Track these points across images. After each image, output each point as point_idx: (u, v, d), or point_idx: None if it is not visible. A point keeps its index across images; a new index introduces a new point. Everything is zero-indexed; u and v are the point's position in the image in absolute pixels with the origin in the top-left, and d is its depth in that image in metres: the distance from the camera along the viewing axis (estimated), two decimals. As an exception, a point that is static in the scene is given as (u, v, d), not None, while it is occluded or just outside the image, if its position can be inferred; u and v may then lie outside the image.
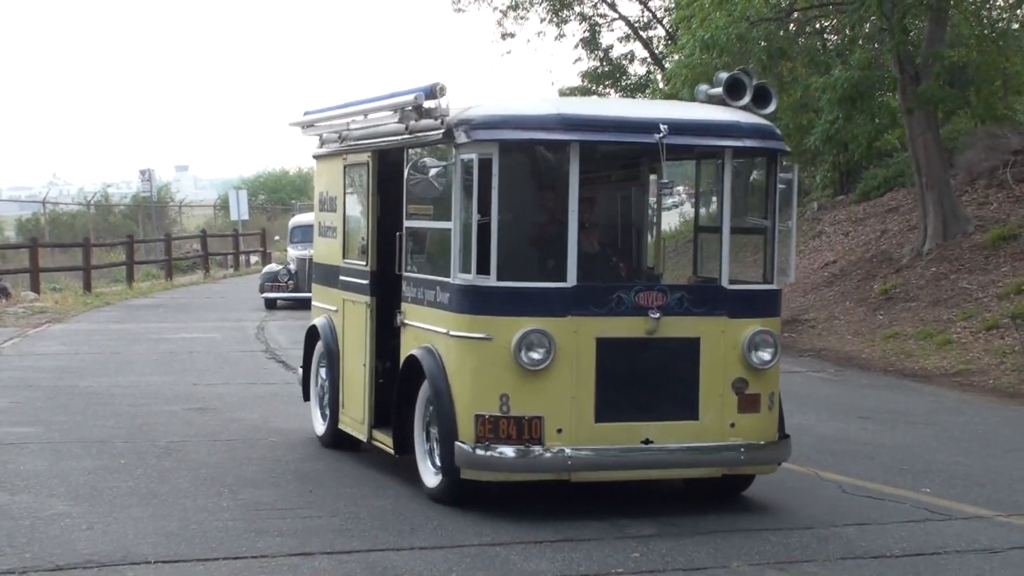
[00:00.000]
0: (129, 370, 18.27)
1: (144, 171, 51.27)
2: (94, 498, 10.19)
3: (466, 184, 9.49)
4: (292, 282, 29.49)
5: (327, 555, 8.62)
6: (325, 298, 12.68)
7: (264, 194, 77.04)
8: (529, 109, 9.84)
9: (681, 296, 9.78)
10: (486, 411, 9.45)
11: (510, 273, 9.68)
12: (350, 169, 11.97)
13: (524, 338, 9.39)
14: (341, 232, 12.14)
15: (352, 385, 11.74)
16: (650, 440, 9.61)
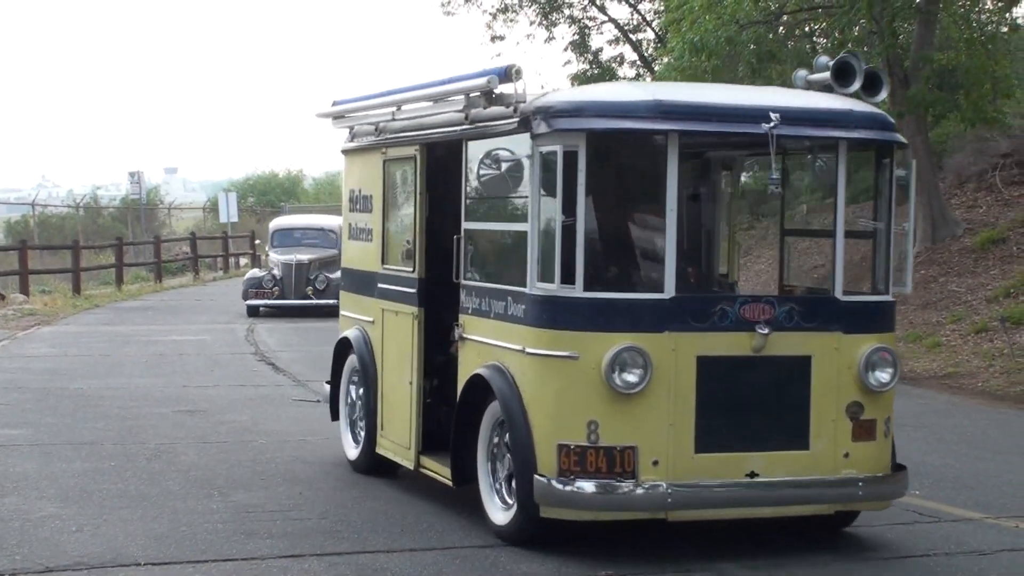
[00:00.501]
0: (119, 372, 18.25)
1: (133, 173, 51.27)
2: (84, 500, 10.18)
3: (546, 180, 8.46)
4: (277, 288, 28.34)
5: (317, 557, 8.62)
6: (358, 308, 11.55)
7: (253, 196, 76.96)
8: (620, 95, 8.86)
9: (790, 308, 8.70)
10: (571, 440, 8.35)
11: (597, 282, 8.76)
12: (391, 164, 10.88)
13: (617, 357, 8.28)
14: (379, 235, 11.03)
15: (394, 405, 10.68)
16: (756, 473, 8.54)
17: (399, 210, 10.81)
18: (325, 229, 30.31)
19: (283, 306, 28.25)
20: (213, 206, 60.33)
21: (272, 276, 28.57)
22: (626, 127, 8.54)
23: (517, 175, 8.63)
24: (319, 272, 28.46)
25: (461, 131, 9.53)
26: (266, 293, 28.35)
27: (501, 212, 9.19)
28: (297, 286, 28.27)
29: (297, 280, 28.31)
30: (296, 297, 28.25)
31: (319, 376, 17.61)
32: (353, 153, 11.85)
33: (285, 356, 20.48)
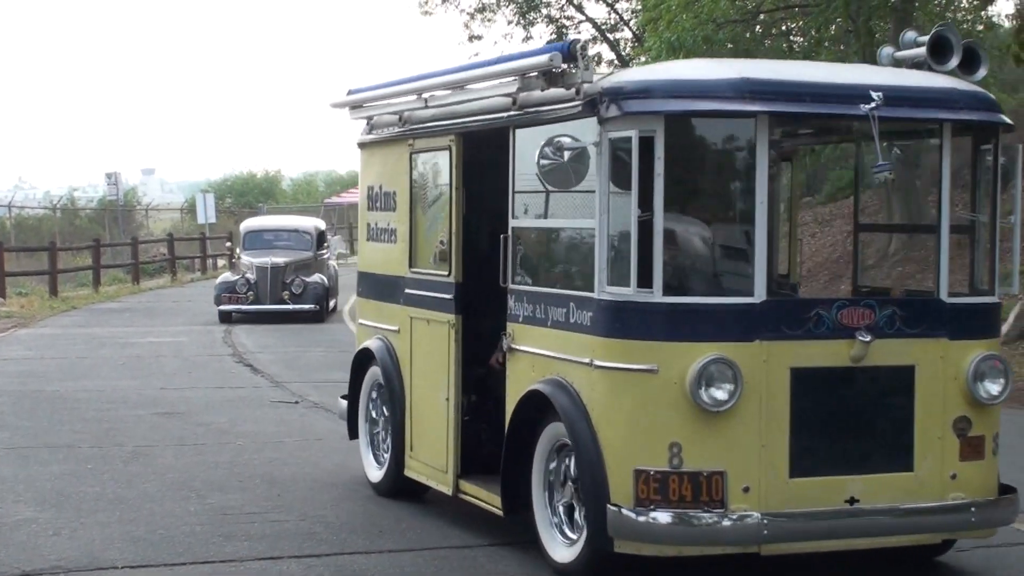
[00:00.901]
0: (95, 374, 18.19)
1: (110, 174, 51.12)
2: (60, 503, 10.14)
3: (616, 170, 7.50)
4: (252, 293, 27.00)
5: (296, 559, 8.60)
6: (379, 316, 10.56)
7: (231, 197, 76.84)
8: (701, 72, 7.84)
9: (892, 313, 7.76)
10: (650, 465, 7.41)
11: (677, 285, 7.88)
12: (419, 157, 9.93)
13: (704, 370, 7.34)
14: (406, 235, 10.06)
15: (425, 424, 9.74)
16: (856, 499, 7.65)
17: (429, 208, 9.87)
18: (300, 231, 29.49)
19: (258, 311, 27.01)
20: (191, 207, 60.19)
21: (246, 280, 27.21)
22: (710, 108, 7.56)
23: (580, 165, 7.61)
24: (295, 276, 27.43)
25: (508, 118, 8.57)
26: (240, 298, 27.04)
27: (559, 208, 8.32)
28: (273, 290, 27.19)
29: (273, 284, 27.20)
30: (272, 302, 27.18)
31: (297, 378, 17.64)
32: (372, 146, 10.90)
33: (263, 358, 20.44)
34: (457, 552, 8.80)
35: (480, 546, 8.91)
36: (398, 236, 10.24)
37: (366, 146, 11.01)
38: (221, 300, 27.20)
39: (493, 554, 8.73)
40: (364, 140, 10.99)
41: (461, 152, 9.29)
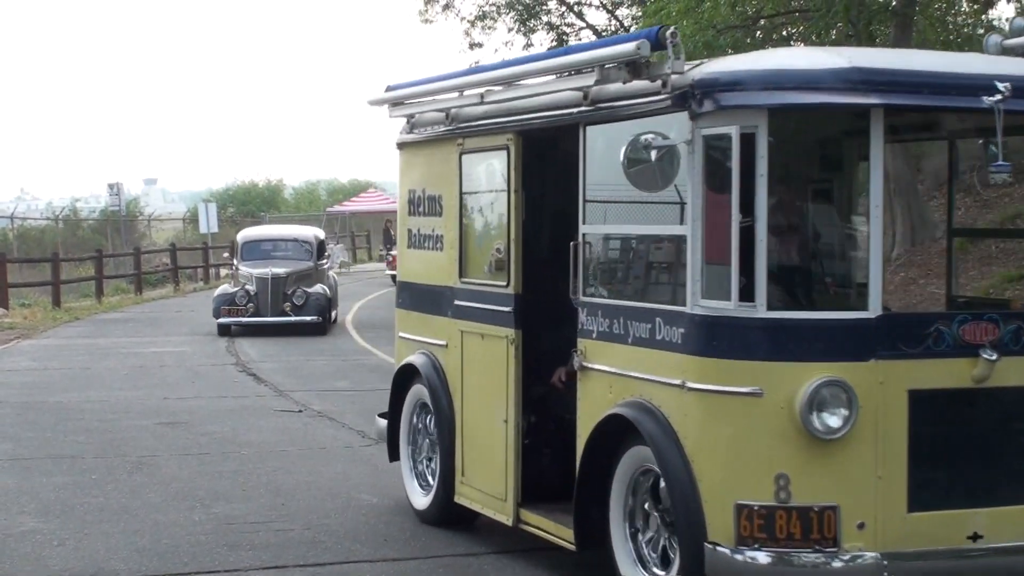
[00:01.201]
0: (99, 385, 18.19)
1: (113, 185, 51.12)
2: (65, 514, 10.14)
3: (712, 171, 6.83)
4: (252, 305, 26.05)
5: (300, 568, 8.60)
6: (423, 329, 9.86)
7: (233, 207, 76.89)
8: (806, 61, 7.03)
9: (1017, 328, 6.99)
10: (753, 499, 6.70)
11: (782, 299, 7.23)
12: (470, 158, 9.22)
13: (816, 394, 6.63)
14: (455, 242, 9.34)
15: (479, 447, 9.05)
16: (979, 535, 6.90)
17: (483, 213, 9.23)
18: (299, 240, 28.70)
19: (259, 324, 26.04)
20: (193, 217, 60.22)
21: (245, 292, 26.22)
22: (820, 102, 6.83)
23: (669, 166, 6.85)
24: (296, 286, 26.53)
25: (578, 114, 7.85)
26: (239, 310, 26.04)
27: (641, 212, 7.63)
28: (274, 302, 26.26)
29: (273, 295, 26.28)
30: (273, 314, 26.23)
31: (300, 387, 17.64)
32: (414, 147, 10.17)
33: (266, 367, 20.44)
34: (462, 560, 8.80)
35: (486, 554, 8.91)
36: (445, 243, 9.53)
37: (406, 147, 10.31)
38: (220, 313, 26.14)
39: (498, 562, 8.73)
40: (404, 140, 10.27)
41: (520, 152, 8.59)
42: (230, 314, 26.04)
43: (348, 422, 14.67)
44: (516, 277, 8.55)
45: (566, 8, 42.20)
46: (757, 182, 6.67)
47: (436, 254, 9.70)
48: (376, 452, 12.73)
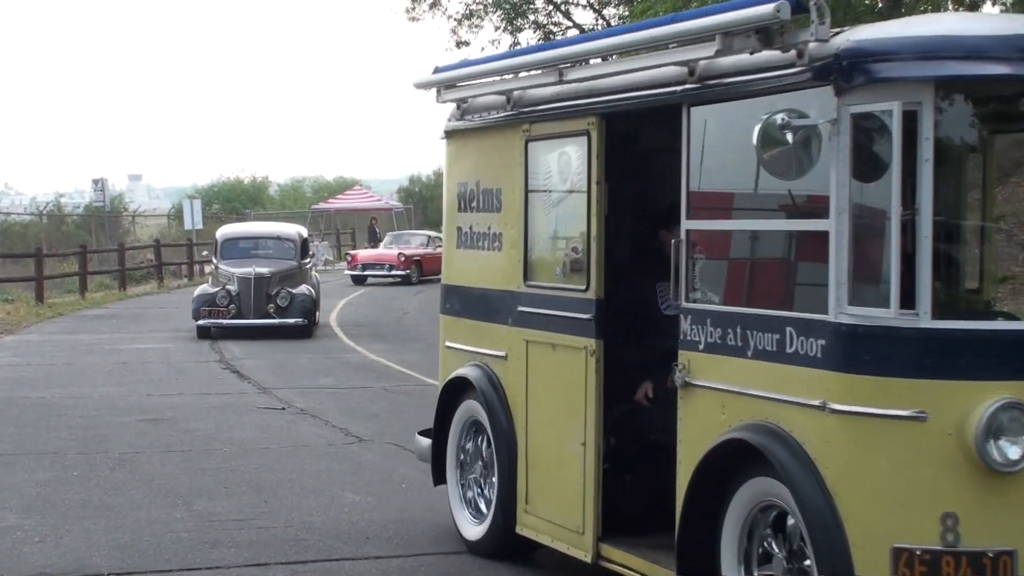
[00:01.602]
0: (82, 381, 18.15)
1: (97, 181, 51.00)
2: (46, 510, 10.11)
3: (862, 155, 5.91)
4: (234, 306, 24.68)
5: (282, 565, 8.59)
6: (476, 338, 8.84)
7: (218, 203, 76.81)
8: (969, 27, 6.05)
9: None
10: (915, 542, 5.77)
11: (947, 305, 6.46)
12: (539, 145, 8.17)
13: (994, 419, 5.69)
14: (516, 241, 8.32)
15: (549, 472, 8.06)
16: None
17: (554, 208, 8.20)
18: (282, 238, 27.35)
19: (241, 326, 24.68)
20: (178, 213, 60.15)
21: (227, 292, 24.83)
22: (998, 73, 5.89)
23: (805, 150, 5.94)
24: (280, 287, 25.20)
25: (682, 93, 6.89)
26: (220, 311, 24.63)
27: (764, 204, 6.72)
28: (257, 303, 24.89)
29: (257, 297, 24.89)
30: (256, 316, 24.85)
31: (283, 384, 17.62)
32: (465, 135, 9.14)
33: (249, 364, 20.41)
34: (444, 559, 8.80)
35: (467, 552, 8.90)
36: (505, 242, 8.51)
37: (456, 135, 9.27)
38: (200, 314, 24.75)
39: (481, 562, 8.71)
40: (453, 128, 9.24)
41: (603, 138, 7.57)
42: (210, 316, 24.70)
43: (331, 420, 14.66)
44: (597, 280, 7.56)
45: (553, 7, 42.24)
46: (921, 168, 5.79)
47: (493, 255, 8.66)
48: (359, 450, 12.76)
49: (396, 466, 11.90)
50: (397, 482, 11.20)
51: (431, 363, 20.28)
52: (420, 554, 8.90)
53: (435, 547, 9.07)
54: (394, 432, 13.70)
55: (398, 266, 42.66)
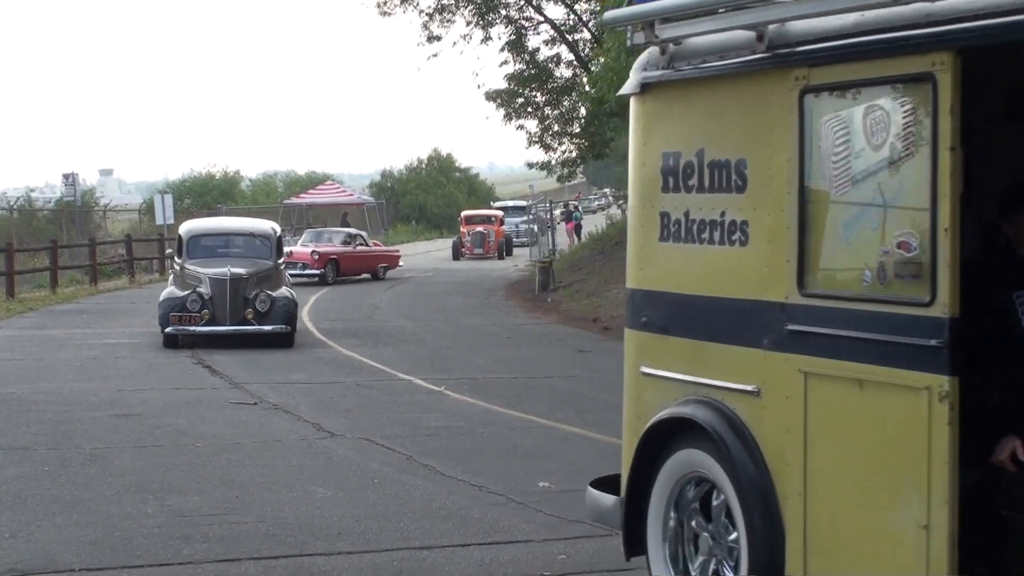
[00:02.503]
0: (53, 376, 18.08)
1: (68, 175, 50.78)
2: (17, 506, 10.08)
3: None
4: (207, 311, 22.08)
5: (254, 560, 8.59)
6: (699, 365, 6.56)
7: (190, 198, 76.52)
8: None
9: None
10: None
11: None
12: (823, 99, 5.85)
13: None
14: (784, 231, 6.01)
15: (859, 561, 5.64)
16: None
17: (855, 185, 5.71)
18: (256, 234, 24.60)
19: (216, 334, 22.10)
20: (149, 208, 59.96)
21: (198, 296, 22.15)
22: None
23: None
24: (259, 289, 22.58)
25: None
26: (192, 318, 22.00)
27: None
28: (233, 308, 22.26)
29: (233, 301, 22.27)
30: (232, 322, 22.23)
31: (255, 379, 17.60)
32: (675, 89, 6.80)
33: (221, 359, 20.35)
34: (416, 553, 8.81)
35: (439, 547, 8.92)
36: (755, 233, 6.24)
37: (657, 90, 6.91)
38: (168, 320, 21.98)
39: (452, 555, 8.74)
40: (656, 80, 6.85)
41: (959, 83, 5.23)
42: (181, 322, 21.99)
43: (304, 415, 14.65)
44: (950, 290, 5.26)
45: (525, 2, 42.25)
46: None
47: (731, 251, 6.39)
48: (332, 445, 12.76)
49: (368, 461, 11.91)
50: (369, 477, 11.21)
51: (402, 358, 20.42)
52: (393, 549, 8.91)
53: (407, 542, 9.08)
54: (366, 427, 13.72)
55: (311, 264, 39.94)
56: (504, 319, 28.88)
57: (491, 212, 64.96)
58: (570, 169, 45.97)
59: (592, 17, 39.94)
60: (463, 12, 41.81)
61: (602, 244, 45.23)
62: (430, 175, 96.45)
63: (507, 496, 10.46)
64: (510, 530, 9.39)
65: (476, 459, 12.07)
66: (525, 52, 42.58)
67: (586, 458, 12.29)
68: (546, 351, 22.33)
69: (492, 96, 42.96)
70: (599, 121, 41.30)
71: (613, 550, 8.83)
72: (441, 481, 11.10)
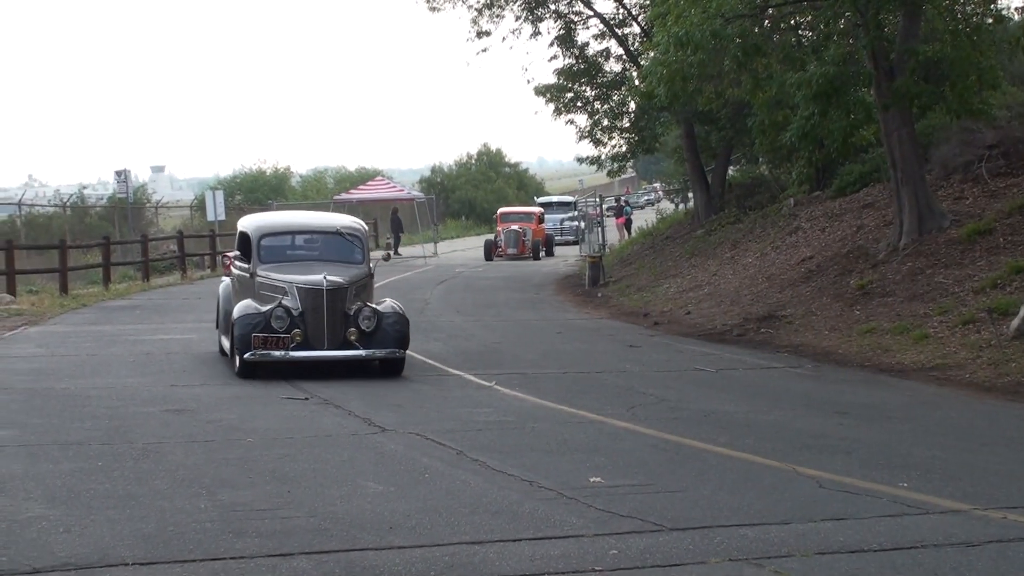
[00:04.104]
0: (106, 372, 18.20)
1: (120, 172, 51.15)
2: (71, 501, 10.15)
3: None
4: (299, 331, 17.22)
5: (306, 555, 8.60)
6: None
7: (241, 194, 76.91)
8: None
9: None
10: None
11: None
12: None
13: None
14: None
15: None
16: None
17: None
18: (342, 232, 19.30)
19: (312, 361, 17.39)
20: (200, 204, 60.26)
21: (285, 311, 17.25)
22: None
23: None
24: (360, 303, 17.80)
25: None
26: (281, 340, 17.06)
27: None
28: (332, 327, 17.43)
29: (331, 317, 17.43)
30: (332, 345, 17.41)
31: (306, 375, 17.61)
32: None
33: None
34: (467, 548, 8.79)
35: (490, 542, 8.90)
36: None
37: None
38: (251, 344, 17.03)
39: (503, 550, 8.71)
40: None
41: None
42: (267, 345, 17.05)
43: (354, 410, 14.68)
44: None
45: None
46: None
47: None
48: (382, 440, 12.77)
49: (418, 456, 11.91)
50: (420, 472, 11.22)
51: (452, 353, 20.43)
52: (442, 544, 8.89)
53: (459, 537, 9.07)
54: (416, 422, 13.72)
55: None
56: (554, 314, 28.87)
57: (529, 209, 62.70)
58: (620, 164, 45.80)
59: (641, 11, 39.81)
60: (512, 7, 41.78)
61: (652, 239, 45.14)
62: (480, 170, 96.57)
63: (558, 491, 10.43)
64: (561, 525, 9.36)
65: (526, 454, 12.05)
66: (574, 47, 42.50)
67: (637, 453, 12.25)
68: (596, 346, 22.29)
69: (541, 91, 42.90)
70: (648, 116, 41.22)
71: (664, 545, 8.82)
72: (491, 476, 11.08)
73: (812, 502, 10.19)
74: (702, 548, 8.79)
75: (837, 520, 9.57)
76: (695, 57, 23.03)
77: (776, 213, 34.68)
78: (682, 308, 28.03)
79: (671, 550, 8.75)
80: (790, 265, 28.16)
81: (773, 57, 25.09)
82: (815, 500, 10.27)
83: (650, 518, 9.54)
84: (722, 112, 35.78)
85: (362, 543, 8.91)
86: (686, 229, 42.03)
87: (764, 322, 23.66)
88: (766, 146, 31.35)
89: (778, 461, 11.66)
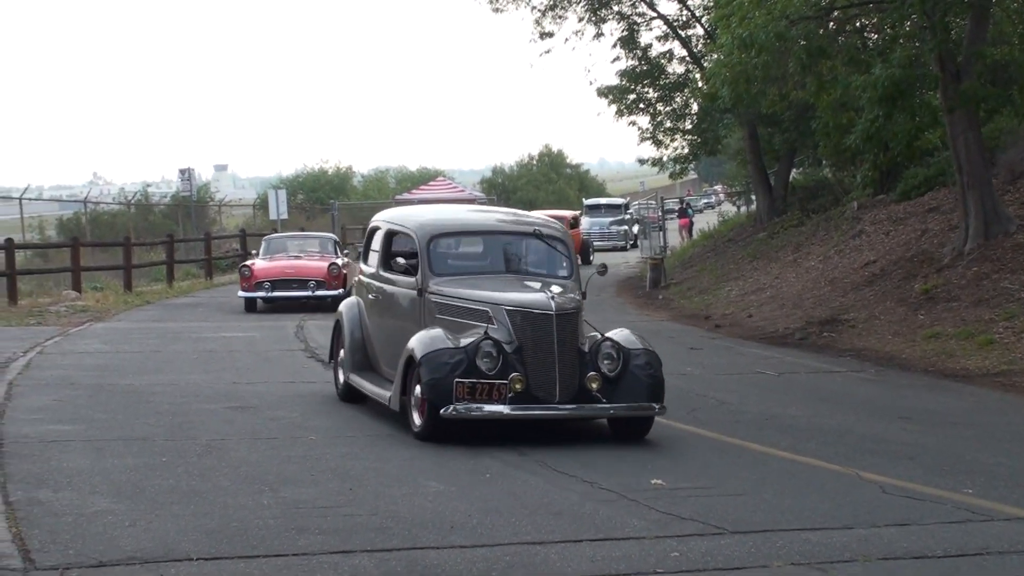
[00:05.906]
0: (169, 368, 18.35)
1: (184, 170, 51.63)
2: (136, 495, 10.24)
3: None
4: (518, 376, 12.33)
5: (367, 553, 8.63)
6: None
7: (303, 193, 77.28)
8: None
9: None
10: None
11: None
12: None
13: None
14: None
15: None
16: None
17: None
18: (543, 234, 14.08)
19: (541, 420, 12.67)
20: (263, 203, 60.61)
21: (495, 345, 12.36)
22: None
23: None
24: (595, 336, 13.01)
25: None
26: (494, 390, 12.26)
27: None
28: (565, 370, 12.51)
29: (564, 355, 12.51)
30: (564, 396, 12.48)
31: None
32: None
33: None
34: (529, 548, 8.79)
35: (551, 543, 8.90)
36: None
37: None
38: (454, 393, 12.25)
39: (564, 551, 8.71)
40: None
41: None
42: (475, 396, 12.27)
43: (415, 409, 14.69)
44: None
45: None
46: None
47: None
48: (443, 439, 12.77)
49: (479, 456, 11.92)
50: (481, 472, 11.23)
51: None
52: (503, 544, 8.90)
53: (519, 537, 9.07)
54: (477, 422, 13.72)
55: (328, 282, 28.88)
56: (615, 316, 28.81)
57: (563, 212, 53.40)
58: (682, 165, 45.65)
59: (705, 13, 39.68)
60: (575, 8, 41.74)
61: (714, 241, 44.97)
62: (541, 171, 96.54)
63: (619, 493, 10.42)
64: (622, 527, 9.35)
65: (587, 455, 12.04)
66: (637, 48, 42.40)
67: (698, 456, 12.22)
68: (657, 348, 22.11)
69: (604, 92, 42.84)
70: (711, 118, 41.06)
71: (726, 548, 8.79)
72: (552, 477, 11.08)
73: (875, 507, 10.13)
74: (764, 552, 8.76)
75: (900, 526, 9.51)
76: (759, 59, 22.92)
77: (839, 216, 34.46)
78: (744, 311, 27.93)
79: (733, 553, 8.72)
80: (853, 269, 27.97)
81: (838, 59, 24.94)
82: (878, 505, 10.21)
83: (712, 521, 9.51)
84: (786, 114, 35.59)
85: (423, 542, 8.94)
86: (748, 232, 41.87)
87: (826, 326, 23.53)
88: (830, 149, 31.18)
89: (841, 466, 11.59)
